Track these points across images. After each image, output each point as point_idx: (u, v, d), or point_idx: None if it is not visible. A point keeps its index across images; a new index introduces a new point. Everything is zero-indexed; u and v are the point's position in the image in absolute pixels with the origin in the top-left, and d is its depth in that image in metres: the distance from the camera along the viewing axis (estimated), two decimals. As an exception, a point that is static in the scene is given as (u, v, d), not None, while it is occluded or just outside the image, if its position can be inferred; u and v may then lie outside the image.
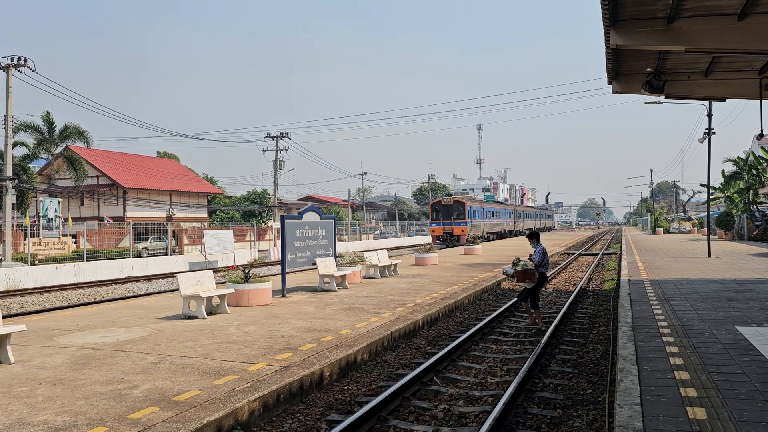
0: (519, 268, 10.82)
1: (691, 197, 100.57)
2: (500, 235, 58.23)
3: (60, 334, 9.66)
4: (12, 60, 28.91)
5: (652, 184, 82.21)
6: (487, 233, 51.70)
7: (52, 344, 8.88)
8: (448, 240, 45.00)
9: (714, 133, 26.46)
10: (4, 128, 29.46)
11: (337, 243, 17.75)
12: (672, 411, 5.06)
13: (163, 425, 5.24)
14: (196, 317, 11.10)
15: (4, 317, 8.41)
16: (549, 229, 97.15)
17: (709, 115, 26.03)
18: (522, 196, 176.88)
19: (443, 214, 45.52)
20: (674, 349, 7.34)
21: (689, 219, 74.14)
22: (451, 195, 46.14)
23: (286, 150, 51.47)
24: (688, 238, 48.28)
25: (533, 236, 11.43)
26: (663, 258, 24.03)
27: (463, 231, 44.35)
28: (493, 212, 56.17)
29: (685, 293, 12.66)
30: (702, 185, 39.11)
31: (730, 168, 47.32)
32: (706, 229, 30.13)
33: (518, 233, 67.39)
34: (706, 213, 30.12)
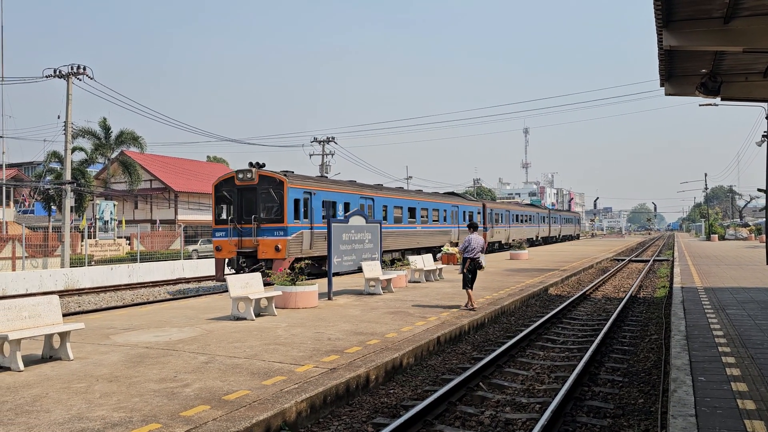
0: (442, 252, 13.56)
1: (748, 202, 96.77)
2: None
3: (115, 333, 10.01)
4: (72, 68, 30.03)
5: (706, 188, 79.62)
6: (398, 249, 23.62)
7: (108, 342, 9.20)
8: (243, 264, 19.28)
9: (773, 135, 25.47)
10: (64, 134, 30.63)
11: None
12: (729, 424, 4.90)
13: (214, 423, 5.37)
14: (245, 318, 11.31)
15: (63, 316, 8.76)
16: (568, 238, 67.08)
17: (768, 118, 25.07)
18: (569, 201, 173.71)
19: (238, 208, 19.73)
20: (731, 360, 7.10)
21: (746, 225, 71.39)
22: (260, 165, 19.55)
23: (332, 154, 51.84)
24: (744, 245, 46.50)
25: (470, 227, 13.63)
26: (718, 265, 23.23)
27: (279, 249, 18.63)
28: (413, 209, 26.36)
29: (742, 302, 12.21)
30: (760, 190, 37.65)
31: (790, 172, 45.38)
32: (764, 235, 28.95)
33: (503, 248, 40.30)
34: (764, 219, 28.98)
